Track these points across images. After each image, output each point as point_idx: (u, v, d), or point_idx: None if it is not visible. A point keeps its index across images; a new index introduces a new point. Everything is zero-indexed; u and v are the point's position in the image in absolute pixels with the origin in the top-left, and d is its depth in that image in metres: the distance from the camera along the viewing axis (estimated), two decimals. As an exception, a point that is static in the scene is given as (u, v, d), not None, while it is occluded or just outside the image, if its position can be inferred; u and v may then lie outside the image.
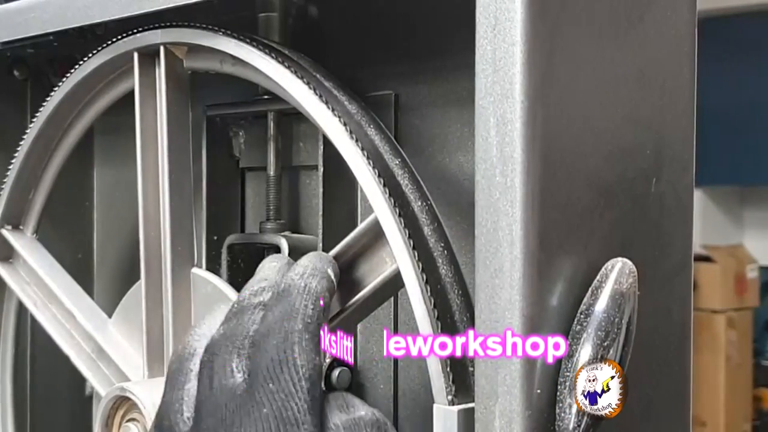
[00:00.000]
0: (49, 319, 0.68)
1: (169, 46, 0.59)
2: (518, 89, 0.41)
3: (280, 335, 0.46)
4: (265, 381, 0.45)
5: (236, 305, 0.50)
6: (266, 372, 0.45)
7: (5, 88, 0.81)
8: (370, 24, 0.65)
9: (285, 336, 0.46)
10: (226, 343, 0.48)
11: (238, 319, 0.49)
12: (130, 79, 0.63)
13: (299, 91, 0.53)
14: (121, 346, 0.65)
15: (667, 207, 0.49)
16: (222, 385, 0.46)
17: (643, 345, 0.46)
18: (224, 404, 0.46)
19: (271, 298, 0.49)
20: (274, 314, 0.47)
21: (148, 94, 0.61)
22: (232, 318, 0.49)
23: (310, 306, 0.47)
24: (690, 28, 0.50)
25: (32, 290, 0.70)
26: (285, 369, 0.45)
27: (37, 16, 0.66)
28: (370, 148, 0.51)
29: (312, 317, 0.47)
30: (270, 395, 0.44)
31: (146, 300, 0.60)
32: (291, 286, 0.48)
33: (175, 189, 0.60)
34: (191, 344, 0.51)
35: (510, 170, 0.42)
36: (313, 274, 0.49)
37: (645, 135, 0.47)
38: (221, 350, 0.48)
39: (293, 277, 0.49)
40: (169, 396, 0.49)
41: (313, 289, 0.48)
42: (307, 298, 0.47)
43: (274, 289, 0.49)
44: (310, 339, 0.46)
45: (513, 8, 0.42)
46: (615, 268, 0.44)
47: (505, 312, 0.42)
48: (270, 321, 0.47)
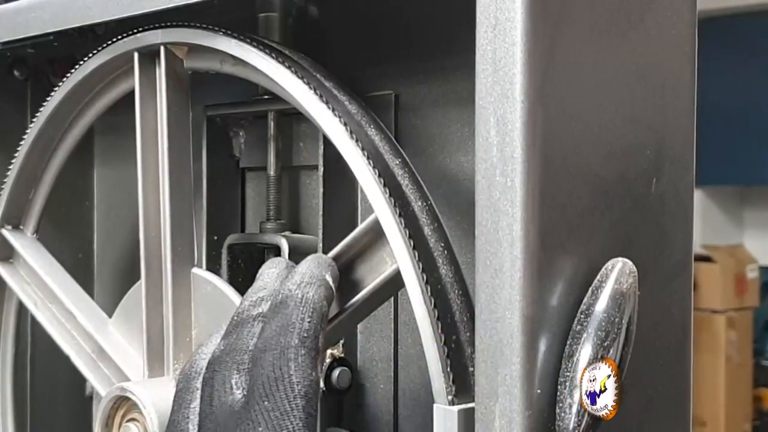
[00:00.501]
0: (50, 318, 0.68)
1: (170, 46, 0.59)
2: (518, 89, 0.41)
3: (276, 351, 0.46)
4: (261, 398, 0.45)
5: (236, 317, 0.50)
6: (262, 390, 0.45)
7: (5, 88, 0.81)
8: (370, 24, 0.65)
9: (281, 352, 0.45)
10: (226, 359, 0.48)
11: (237, 334, 0.49)
12: (130, 79, 0.63)
13: (299, 91, 0.53)
14: (121, 346, 0.65)
15: (667, 207, 0.49)
16: (221, 402, 0.47)
17: (643, 345, 0.46)
18: (223, 422, 0.46)
19: (270, 310, 0.49)
20: (271, 328, 0.47)
21: (149, 94, 0.61)
22: (232, 332, 0.49)
23: (306, 319, 0.47)
24: (690, 28, 0.50)
25: (32, 290, 0.70)
26: (281, 386, 0.45)
27: (37, 16, 0.66)
28: (371, 148, 0.51)
29: (309, 331, 0.46)
30: (265, 413, 0.44)
31: (146, 300, 0.60)
32: (288, 298, 0.48)
33: (176, 189, 0.60)
34: (198, 363, 0.51)
35: (510, 170, 0.42)
36: (310, 283, 0.48)
37: (645, 135, 0.47)
38: (221, 366, 0.48)
39: (290, 287, 0.48)
40: (176, 415, 0.49)
41: (310, 299, 0.47)
42: (303, 311, 0.47)
43: (272, 299, 0.49)
44: (306, 354, 0.46)
45: (513, 8, 0.42)
46: (615, 268, 0.44)
47: (505, 312, 0.42)
48: (267, 336, 0.47)
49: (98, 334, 0.65)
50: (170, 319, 0.60)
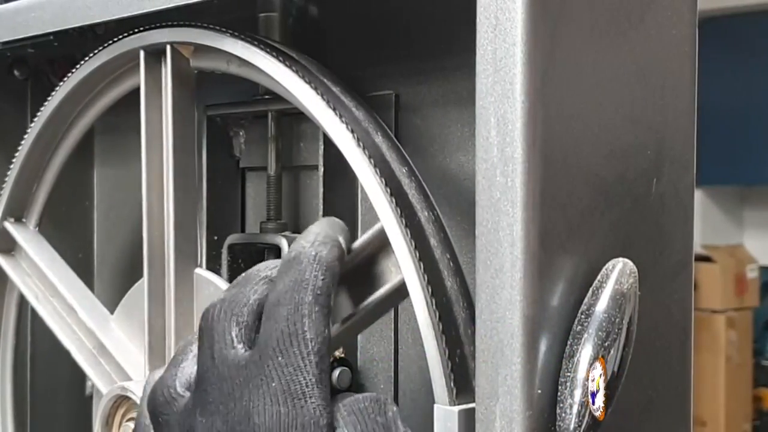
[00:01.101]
0: (51, 313, 0.68)
1: (176, 45, 0.59)
2: (519, 89, 0.41)
3: (290, 306, 0.45)
4: (274, 354, 0.44)
5: (242, 277, 0.49)
6: (275, 344, 0.44)
7: (5, 88, 0.81)
8: (370, 24, 0.65)
9: (295, 307, 0.45)
10: (225, 310, 0.47)
11: (239, 288, 0.48)
12: (133, 78, 0.63)
13: (307, 96, 0.53)
14: (122, 343, 0.65)
15: (667, 207, 0.49)
16: (223, 355, 0.46)
17: (643, 345, 0.46)
18: (229, 377, 0.45)
19: (282, 266, 0.48)
20: (284, 282, 0.46)
21: (154, 93, 0.61)
22: (234, 286, 0.49)
23: (320, 276, 0.46)
24: (690, 28, 0.50)
25: (34, 283, 0.70)
26: (294, 342, 0.44)
27: (37, 16, 0.66)
28: (378, 155, 0.50)
29: (322, 288, 0.46)
30: (279, 369, 0.44)
31: (149, 299, 0.60)
32: (301, 254, 0.47)
33: (180, 188, 0.60)
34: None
35: (511, 170, 0.42)
36: (323, 242, 0.48)
37: (645, 135, 0.48)
38: (220, 318, 0.47)
39: (303, 244, 0.47)
40: (167, 373, 0.49)
41: (323, 258, 0.47)
42: (317, 268, 0.46)
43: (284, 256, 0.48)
44: (320, 311, 0.45)
45: (514, 8, 0.42)
46: (616, 268, 0.44)
47: (506, 312, 0.42)
48: (280, 290, 0.46)
49: (100, 330, 0.65)
50: (172, 319, 0.60)
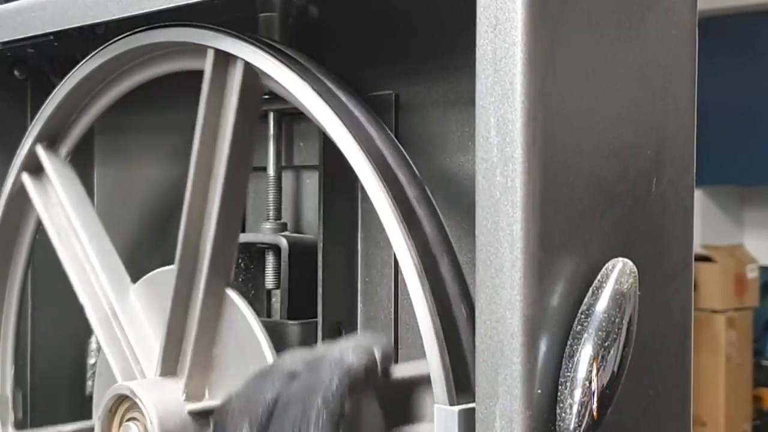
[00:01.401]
0: (71, 259, 0.65)
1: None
2: (519, 89, 0.41)
3: (299, 408, 0.45)
4: None
5: (266, 368, 0.49)
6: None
7: (5, 88, 0.81)
8: (370, 24, 0.65)
9: (303, 410, 0.45)
10: (240, 408, 0.47)
11: (258, 385, 0.48)
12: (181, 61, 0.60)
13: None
14: (137, 316, 0.63)
15: (667, 207, 0.49)
16: None
17: (643, 345, 0.46)
18: None
19: (305, 364, 0.47)
20: (300, 383, 0.46)
21: (216, 96, 0.58)
22: (253, 381, 0.49)
23: (336, 380, 0.45)
24: (691, 28, 0.50)
25: (57, 215, 0.66)
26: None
27: (37, 16, 0.66)
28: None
29: (335, 393, 0.45)
30: None
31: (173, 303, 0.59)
32: (324, 357, 0.47)
33: (228, 203, 0.57)
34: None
35: (510, 170, 0.42)
36: (354, 349, 0.47)
37: (645, 135, 0.47)
38: (235, 414, 0.47)
39: (333, 349, 0.47)
40: None
41: (347, 362, 0.46)
42: (334, 371, 0.46)
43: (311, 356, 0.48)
44: (328, 417, 0.45)
45: (514, 9, 0.42)
46: (616, 268, 0.44)
47: (506, 312, 0.42)
48: (294, 389, 0.46)
49: (117, 297, 0.63)
50: (193, 331, 0.58)
